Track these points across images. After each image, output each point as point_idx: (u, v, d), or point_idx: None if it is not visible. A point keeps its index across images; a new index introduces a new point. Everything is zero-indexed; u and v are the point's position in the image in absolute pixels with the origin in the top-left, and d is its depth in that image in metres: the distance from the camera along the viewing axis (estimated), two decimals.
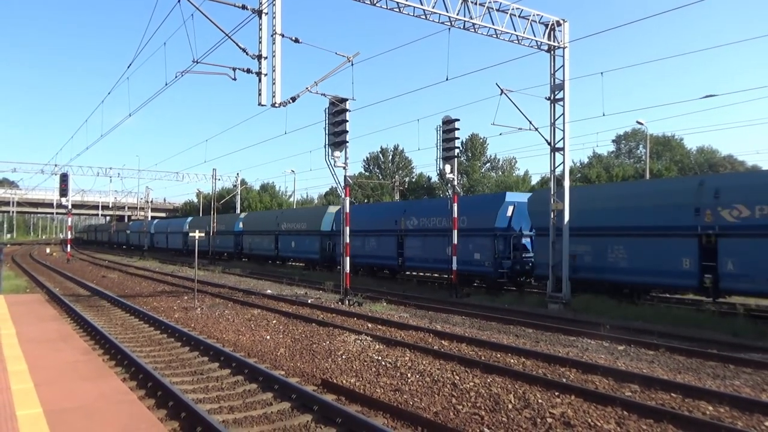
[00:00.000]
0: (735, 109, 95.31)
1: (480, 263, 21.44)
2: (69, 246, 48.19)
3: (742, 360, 10.17)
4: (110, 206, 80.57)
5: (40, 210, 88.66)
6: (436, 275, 25.97)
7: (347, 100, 17.66)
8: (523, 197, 22.21)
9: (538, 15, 17.35)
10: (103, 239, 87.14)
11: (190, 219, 54.39)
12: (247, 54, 14.36)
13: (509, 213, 21.32)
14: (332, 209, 32.87)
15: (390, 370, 9.35)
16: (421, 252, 24.31)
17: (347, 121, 17.63)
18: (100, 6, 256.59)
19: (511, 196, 22.26)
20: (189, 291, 20.56)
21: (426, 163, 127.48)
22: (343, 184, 18.15)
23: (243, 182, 66.48)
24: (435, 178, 63.10)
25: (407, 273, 26.65)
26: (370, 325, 13.80)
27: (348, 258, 18.38)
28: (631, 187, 21.59)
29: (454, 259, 20.55)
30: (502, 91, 17.99)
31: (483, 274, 21.83)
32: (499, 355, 10.44)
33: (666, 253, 15.77)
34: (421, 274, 27.01)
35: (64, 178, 38.99)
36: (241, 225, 42.72)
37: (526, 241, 21.45)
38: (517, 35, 17.05)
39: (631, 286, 17.35)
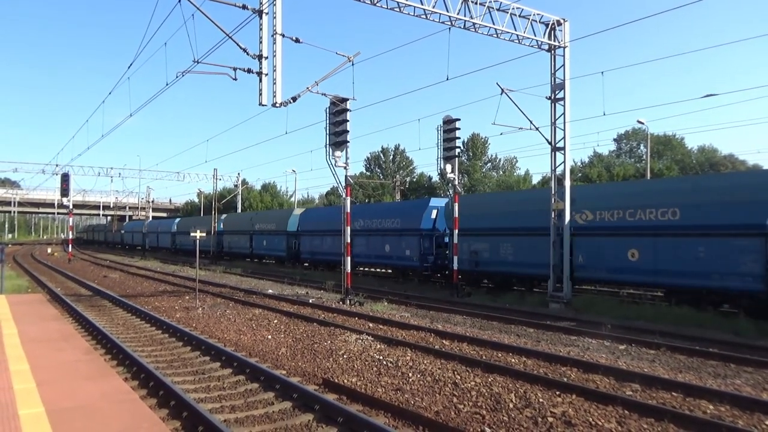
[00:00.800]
0: (735, 108, 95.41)
1: (410, 258, 24.95)
2: (70, 246, 48.27)
3: (743, 359, 10.16)
4: (111, 206, 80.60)
5: (41, 210, 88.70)
6: (379, 269, 29.81)
7: (348, 99, 17.67)
8: (441, 201, 25.58)
9: (538, 14, 17.36)
10: (100, 239, 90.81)
11: (177, 220, 57.85)
12: (247, 54, 14.37)
13: (433, 216, 24.55)
14: (297, 211, 37.13)
15: (391, 369, 9.36)
16: (366, 249, 27.74)
17: (348, 120, 17.64)
18: (101, 6, 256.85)
19: (434, 201, 25.58)
20: (190, 291, 20.58)
21: (427, 162, 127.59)
22: (344, 183, 18.16)
23: (244, 182, 66.56)
24: (436, 178, 63.17)
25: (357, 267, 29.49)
26: (371, 325, 13.81)
27: (349, 258, 18.38)
28: (516, 195, 28.40)
29: (455, 258, 20.58)
30: (502, 90, 17.99)
31: (412, 268, 25.15)
32: (500, 355, 10.45)
33: (540, 249, 18.63)
34: (365, 268, 30.53)
35: (65, 178, 39.00)
36: (222, 225, 45.75)
37: (448, 239, 23.49)
38: (517, 35, 17.05)
39: (517, 277, 20.92)
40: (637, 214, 16.76)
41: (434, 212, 24.65)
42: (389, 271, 28.31)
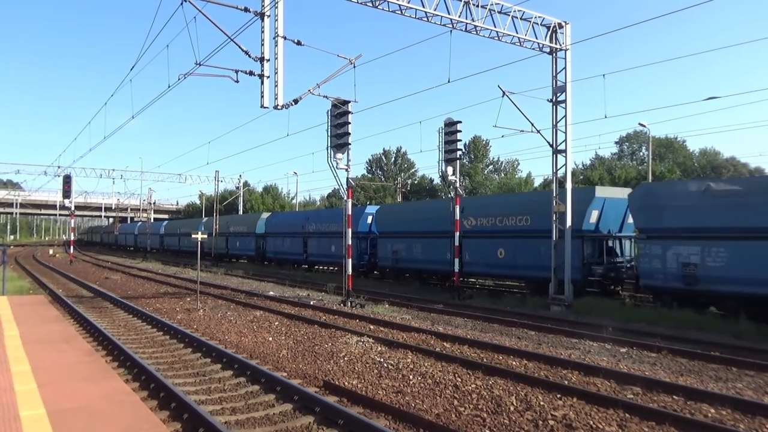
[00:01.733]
0: (738, 111, 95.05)
1: (355, 258, 27.76)
2: (72, 247, 48.32)
3: (744, 362, 10.14)
4: (113, 208, 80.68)
5: (43, 212, 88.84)
6: (330, 267, 33.20)
7: (349, 102, 17.70)
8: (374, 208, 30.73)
9: (539, 17, 17.37)
10: (96, 240, 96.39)
11: (165, 223, 62.91)
12: (249, 56, 14.41)
13: (369, 221, 29.24)
14: (265, 215, 41.48)
15: (392, 371, 9.36)
16: (317, 249, 32.73)
17: (349, 123, 17.67)
18: (103, 8, 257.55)
19: (369, 209, 30.71)
20: (191, 292, 20.60)
21: (428, 165, 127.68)
22: (345, 186, 18.17)
23: (245, 184, 66.59)
24: (437, 180, 63.21)
25: (311, 265, 34.83)
26: (372, 327, 13.81)
27: (350, 260, 18.39)
28: (424, 204, 34.67)
29: (456, 261, 20.58)
30: (504, 93, 17.99)
31: (361, 265, 28.81)
32: (501, 357, 10.44)
33: (439, 249, 23.08)
34: (321, 267, 34.77)
35: (67, 180, 39.10)
36: (202, 228, 48.49)
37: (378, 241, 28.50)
38: (518, 37, 17.06)
39: (425, 272, 25.06)
40: (503, 221, 21.35)
41: (369, 218, 29.36)
42: (335, 268, 31.20)
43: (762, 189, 14.53)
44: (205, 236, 18.76)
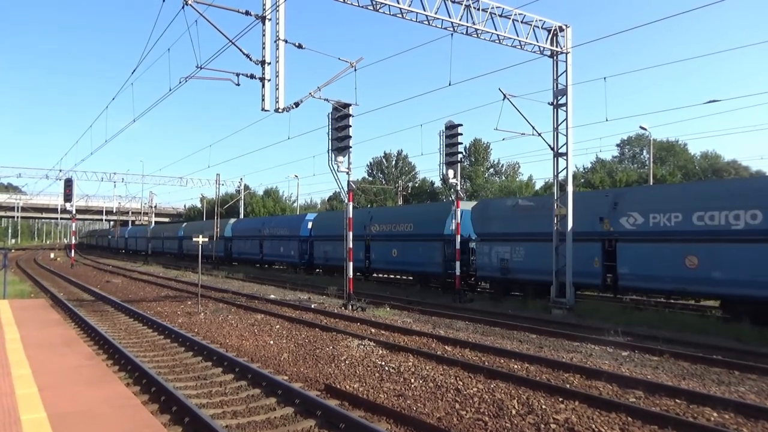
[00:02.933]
0: (739, 114, 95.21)
1: (293, 257, 35.59)
2: (73, 251, 48.33)
3: (747, 366, 10.10)
4: (114, 211, 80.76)
5: (44, 215, 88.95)
6: (281, 266, 39.15)
7: (350, 105, 17.72)
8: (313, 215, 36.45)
9: (540, 20, 17.38)
10: (92, 243, 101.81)
11: (152, 227, 67.54)
12: (250, 60, 14.44)
13: (309, 226, 34.29)
14: (232, 221, 48.19)
15: (393, 375, 9.34)
16: (270, 250, 38.93)
17: (350, 126, 17.69)
18: (105, 12, 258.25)
19: (309, 216, 36.16)
20: (192, 296, 20.59)
21: (429, 168, 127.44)
22: (346, 189, 18.18)
23: (246, 187, 66.61)
24: (438, 183, 63.24)
25: (265, 264, 40.75)
26: (373, 330, 13.79)
27: (351, 263, 18.37)
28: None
29: (457, 264, 20.56)
30: (504, 96, 18.00)
31: (293, 263, 35.64)
32: (502, 361, 10.41)
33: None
34: (276, 266, 40.12)
35: (68, 183, 39.08)
36: (182, 232, 54.62)
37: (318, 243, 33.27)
38: (519, 41, 17.08)
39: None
40: (396, 227, 26.54)
41: (309, 224, 34.55)
42: (284, 266, 38.49)
43: (543, 205, 19.41)
44: (206, 239, 18.76)
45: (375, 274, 29.62)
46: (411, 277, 27.36)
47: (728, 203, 14.77)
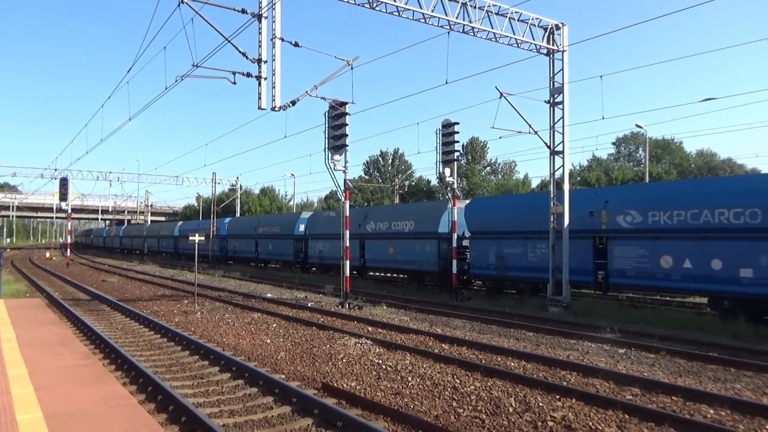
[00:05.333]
0: (734, 112, 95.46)
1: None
2: (68, 250, 48.15)
3: (743, 363, 10.14)
4: (110, 210, 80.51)
5: (39, 214, 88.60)
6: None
7: (347, 103, 17.69)
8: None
9: (537, 19, 17.39)
10: (82, 241, 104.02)
11: (124, 227, 72.58)
12: (246, 58, 14.38)
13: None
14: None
15: (390, 373, 9.34)
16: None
17: (347, 124, 17.67)
18: (100, 11, 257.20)
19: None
20: (189, 295, 20.54)
21: (426, 166, 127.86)
22: (343, 187, 18.16)
23: (243, 186, 66.51)
24: (435, 182, 63.20)
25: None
26: (370, 329, 13.79)
27: (348, 261, 18.36)
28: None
29: (455, 262, 20.57)
30: (501, 94, 17.99)
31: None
32: (499, 359, 10.43)
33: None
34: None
35: (63, 183, 38.93)
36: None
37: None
38: (516, 39, 17.08)
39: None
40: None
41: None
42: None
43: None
44: (203, 238, 18.72)
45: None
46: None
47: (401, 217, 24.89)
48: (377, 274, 30.40)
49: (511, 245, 20.25)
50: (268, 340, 12.43)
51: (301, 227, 35.00)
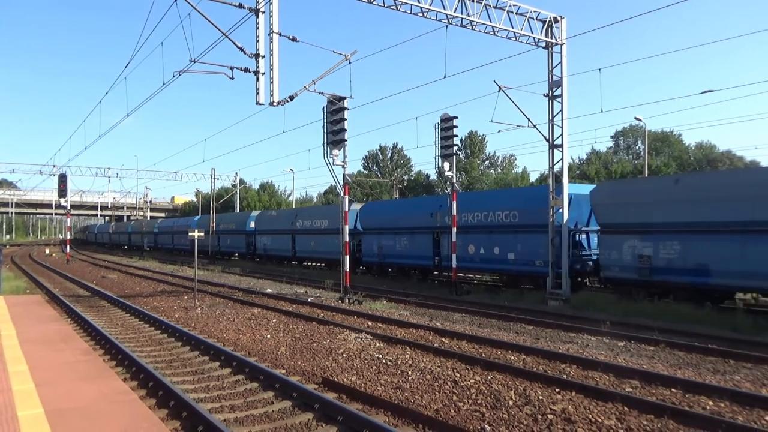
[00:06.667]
0: (733, 104, 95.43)
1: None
2: (68, 247, 48.14)
3: (741, 355, 10.18)
4: (109, 206, 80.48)
5: (39, 211, 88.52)
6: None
7: (345, 98, 17.65)
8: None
9: (535, 12, 17.34)
10: (80, 238, 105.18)
11: (113, 223, 76.12)
12: (244, 53, 14.34)
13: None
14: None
15: (391, 367, 9.36)
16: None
17: (345, 119, 17.62)
18: (97, 7, 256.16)
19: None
20: (189, 291, 20.56)
21: (425, 160, 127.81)
22: (342, 182, 18.14)
23: (242, 181, 66.46)
24: (434, 176, 63.16)
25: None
26: (370, 324, 13.81)
27: (347, 256, 18.37)
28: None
29: (454, 256, 20.59)
30: (500, 88, 17.96)
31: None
32: (499, 353, 10.45)
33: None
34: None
35: (62, 179, 38.87)
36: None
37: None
38: (514, 32, 17.04)
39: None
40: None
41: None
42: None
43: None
44: (201, 234, 18.71)
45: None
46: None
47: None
48: (311, 264, 35.58)
49: (387, 238, 26.44)
50: (269, 336, 12.45)
51: (252, 224, 40.59)
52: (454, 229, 20.65)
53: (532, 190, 26.32)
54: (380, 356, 10.11)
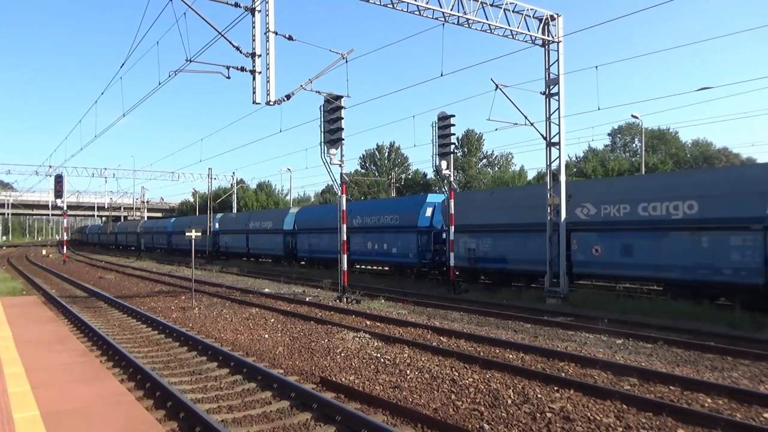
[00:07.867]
0: (730, 101, 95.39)
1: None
2: (65, 247, 48.01)
3: (739, 352, 10.19)
4: (106, 207, 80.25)
5: (35, 212, 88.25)
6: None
7: (342, 97, 17.61)
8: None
9: (531, 9, 17.32)
10: (75, 238, 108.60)
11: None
12: (240, 52, 14.29)
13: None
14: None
15: (389, 367, 9.34)
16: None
17: (342, 118, 17.59)
18: (92, 6, 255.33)
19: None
20: (186, 291, 20.51)
21: (422, 159, 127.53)
22: (339, 181, 18.11)
23: (239, 181, 66.33)
24: (431, 175, 63.12)
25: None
26: (368, 323, 13.79)
27: (345, 255, 18.34)
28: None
29: (452, 255, 20.58)
30: (497, 86, 17.94)
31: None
32: (497, 351, 10.44)
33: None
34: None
35: (58, 180, 38.64)
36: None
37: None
38: (511, 30, 17.02)
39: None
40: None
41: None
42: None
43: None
44: (199, 234, 18.68)
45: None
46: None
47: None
48: (261, 259, 41.56)
49: (314, 237, 32.18)
50: (266, 335, 12.42)
51: (217, 225, 45.72)
52: (452, 228, 20.64)
53: (409, 198, 34.90)
54: (378, 355, 10.09)
